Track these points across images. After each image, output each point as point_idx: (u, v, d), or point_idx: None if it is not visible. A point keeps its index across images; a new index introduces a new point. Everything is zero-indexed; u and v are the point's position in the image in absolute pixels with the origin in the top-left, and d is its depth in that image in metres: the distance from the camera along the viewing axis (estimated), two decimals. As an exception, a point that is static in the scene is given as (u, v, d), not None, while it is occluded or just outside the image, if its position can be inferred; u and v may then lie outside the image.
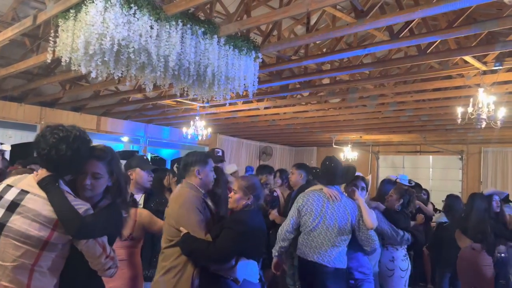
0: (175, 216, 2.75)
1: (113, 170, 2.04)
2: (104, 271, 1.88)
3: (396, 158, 14.28)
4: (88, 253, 1.87)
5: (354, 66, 6.10)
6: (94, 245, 1.86)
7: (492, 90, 5.94)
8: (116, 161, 2.07)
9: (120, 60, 3.84)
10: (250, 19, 4.43)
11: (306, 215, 3.66)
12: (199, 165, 2.88)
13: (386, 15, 4.24)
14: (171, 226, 2.74)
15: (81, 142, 1.96)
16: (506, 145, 12.06)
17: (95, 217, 1.88)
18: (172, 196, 3.00)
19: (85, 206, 1.89)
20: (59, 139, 1.89)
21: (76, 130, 1.98)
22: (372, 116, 9.31)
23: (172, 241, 2.73)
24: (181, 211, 2.75)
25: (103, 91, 8.42)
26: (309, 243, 3.60)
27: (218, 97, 4.84)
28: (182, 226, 2.69)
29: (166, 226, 2.82)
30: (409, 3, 4.99)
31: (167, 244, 2.76)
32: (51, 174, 1.92)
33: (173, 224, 2.73)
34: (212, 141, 12.77)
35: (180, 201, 2.81)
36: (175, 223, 2.73)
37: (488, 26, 4.06)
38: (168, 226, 2.78)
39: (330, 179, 3.76)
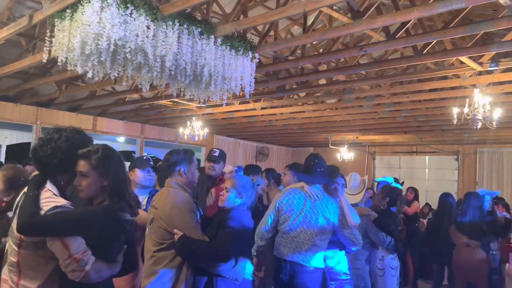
0: (166, 218, 2.64)
1: (106, 169, 1.94)
2: (68, 273, 1.77)
3: (392, 159, 14.31)
4: (53, 252, 1.79)
5: (350, 67, 6.11)
6: (56, 245, 1.77)
7: (488, 91, 5.97)
8: (109, 160, 1.96)
9: (116, 60, 3.83)
10: (246, 20, 4.43)
11: (286, 212, 3.48)
12: (184, 163, 2.81)
13: (383, 16, 4.25)
14: (162, 229, 2.64)
15: (65, 142, 1.94)
16: (501, 146, 12.12)
17: (59, 216, 1.79)
18: (159, 197, 2.82)
19: (56, 203, 1.82)
20: (45, 140, 1.94)
21: (67, 131, 1.98)
22: (368, 116, 9.34)
23: (163, 244, 2.64)
24: (174, 212, 2.66)
25: (99, 91, 8.39)
26: (288, 242, 3.43)
27: (215, 98, 4.84)
28: (176, 227, 2.60)
29: (155, 229, 2.69)
30: (405, 3, 5.01)
31: (158, 247, 2.65)
32: (39, 174, 1.95)
33: (165, 226, 2.63)
34: (209, 142, 12.76)
35: (171, 202, 2.70)
36: (167, 225, 2.63)
37: (483, 27, 4.08)
38: (158, 229, 2.66)
39: (312, 178, 3.56)
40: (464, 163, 12.87)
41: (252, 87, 4.72)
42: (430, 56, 5.11)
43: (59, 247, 1.76)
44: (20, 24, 4.56)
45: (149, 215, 2.77)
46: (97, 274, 1.80)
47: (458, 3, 3.45)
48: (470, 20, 5.58)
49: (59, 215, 1.80)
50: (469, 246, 4.96)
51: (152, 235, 2.69)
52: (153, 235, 2.68)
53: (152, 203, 2.81)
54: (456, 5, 3.48)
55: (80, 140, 2.00)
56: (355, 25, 4.19)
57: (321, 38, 5.50)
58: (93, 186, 1.93)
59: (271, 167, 10.08)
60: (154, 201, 2.81)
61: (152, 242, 2.68)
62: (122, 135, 11.37)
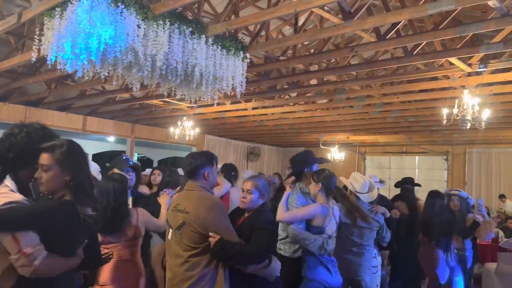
0: (202, 222, 2.58)
1: (69, 163, 1.93)
2: (18, 268, 1.76)
3: (383, 159, 14.41)
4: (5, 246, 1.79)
5: (341, 67, 6.13)
6: (7, 239, 1.76)
7: (477, 92, 6.03)
8: (73, 154, 1.96)
9: (106, 59, 3.80)
10: (238, 19, 4.43)
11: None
12: (208, 166, 2.78)
13: (373, 17, 4.27)
14: (196, 233, 2.57)
15: (25, 137, 1.95)
16: (490, 146, 12.27)
17: (10, 211, 1.78)
18: (188, 201, 2.70)
19: (11, 199, 1.82)
20: (6, 135, 1.96)
21: (28, 127, 1.99)
22: (359, 117, 9.38)
23: (197, 248, 2.58)
24: (211, 215, 2.60)
25: (89, 90, 8.33)
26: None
27: (206, 97, 4.83)
28: (213, 231, 2.55)
29: (187, 234, 2.60)
30: (395, 5, 5.04)
31: (191, 252, 2.59)
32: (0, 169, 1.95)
33: (199, 230, 2.56)
34: (200, 142, 12.73)
35: (206, 206, 2.64)
36: (202, 229, 2.56)
37: (473, 28, 4.12)
38: (191, 233, 2.59)
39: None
40: (453, 164, 13.00)
41: (243, 87, 4.72)
42: (420, 57, 5.15)
43: (10, 241, 1.76)
44: (9, 22, 4.51)
45: (176, 220, 2.67)
46: (48, 269, 1.80)
47: (448, 5, 3.48)
48: (460, 22, 5.63)
49: (11, 210, 1.78)
50: (424, 243, 5.04)
51: (182, 240, 2.62)
52: (185, 239, 2.61)
53: (178, 207, 2.70)
54: (446, 7, 3.51)
55: (41, 136, 1.99)
56: (346, 26, 4.21)
57: (312, 38, 5.52)
58: (54, 180, 1.91)
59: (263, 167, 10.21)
60: (180, 205, 2.70)
61: (183, 247, 2.62)
62: (112, 135, 11.30)
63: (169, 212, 2.80)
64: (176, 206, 2.73)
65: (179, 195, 2.91)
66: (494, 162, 12.39)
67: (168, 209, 2.85)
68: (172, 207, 2.77)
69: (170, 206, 2.82)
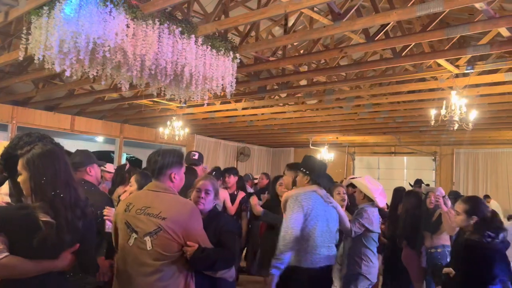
0: (184, 229, 2.36)
1: (30, 168, 1.99)
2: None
3: (372, 159, 14.51)
4: None
5: (330, 68, 6.16)
6: None
7: (464, 93, 6.10)
8: (37, 159, 2.00)
9: (95, 58, 3.78)
10: (228, 20, 4.43)
11: (315, 217, 3.30)
12: (176, 167, 2.54)
13: (362, 18, 4.30)
14: (172, 241, 2.33)
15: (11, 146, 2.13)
16: (477, 147, 12.42)
17: None
18: (162, 204, 2.41)
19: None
20: (12, 144, 2.17)
21: (31, 136, 2.22)
22: (348, 117, 9.43)
23: (172, 257, 2.34)
24: (193, 222, 2.42)
25: (78, 90, 8.26)
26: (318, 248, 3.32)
27: (196, 97, 4.82)
28: (194, 239, 2.37)
29: (162, 241, 2.32)
30: (385, 6, 5.08)
31: (165, 261, 2.33)
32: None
33: (177, 238, 2.33)
34: (189, 142, 12.69)
35: (189, 211, 2.43)
36: (183, 236, 2.35)
37: (459, 30, 4.17)
38: (167, 240, 2.32)
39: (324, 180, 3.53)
40: (441, 164, 13.13)
41: (233, 87, 4.72)
42: (409, 58, 5.20)
43: None
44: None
45: (145, 225, 2.35)
46: (8, 271, 1.83)
47: (436, 7, 3.52)
48: (448, 24, 5.69)
49: None
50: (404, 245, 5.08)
51: (154, 248, 2.32)
52: (158, 247, 2.32)
53: (147, 210, 2.38)
54: (434, 9, 3.55)
55: (26, 142, 2.13)
56: (336, 27, 4.23)
57: (302, 39, 5.53)
58: (25, 184, 2.00)
59: (253, 167, 10.08)
60: (150, 209, 2.38)
61: (154, 256, 2.32)
62: (100, 135, 11.21)
63: (129, 215, 2.42)
64: (143, 209, 2.39)
65: (139, 196, 2.57)
66: (481, 162, 12.55)
67: (124, 211, 2.47)
68: (137, 209, 2.41)
69: (129, 207, 2.46)
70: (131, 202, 2.49)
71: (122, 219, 2.45)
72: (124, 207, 2.48)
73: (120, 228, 2.46)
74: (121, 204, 2.57)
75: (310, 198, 3.29)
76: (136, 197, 2.57)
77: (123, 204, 2.52)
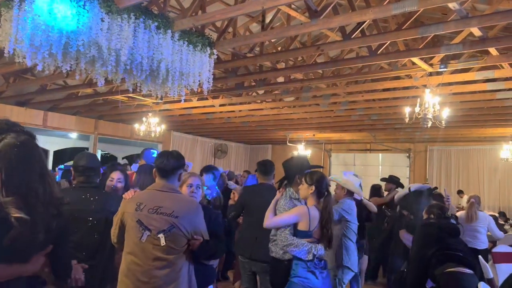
0: (194, 226, 2.63)
1: (4, 162, 1.82)
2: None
3: (348, 156, 14.69)
4: None
5: (308, 65, 6.19)
6: None
7: (437, 91, 6.23)
8: (6, 152, 1.84)
9: (68, 53, 3.69)
10: (205, 15, 4.39)
11: None
12: (183, 168, 2.79)
13: (339, 16, 4.33)
14: (183, 236, 2.59)
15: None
16: (449, 144, 12.73)
17: None
18: (174, 203, 2.64)
19: None
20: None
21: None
22: (325, 114, 9.51)
23: (181, 250, 2.61)
24: (200, 219, 2.70)
25: (50, 85, 8.06)
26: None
27: (172, 93, 4.76)
28: (199, 233, 2.66)
29: (175, 237, 2.57)
30: (361, 4, 5.13)
31: (176, 254, 2.59)
32: None
33: (187, 234, 2.59)
34: (166, 138, 12.57)
35: (196, 209, 2.71)
36: (192, 232, 2.61)
37: (433, 29, 4.25)
38: (179, 237, 2.58)
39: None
40: (415, 161, 13.40)
41: (210, 84, 4.68)
42: (384, 56, 5.27)
43: None
44: (-37, 12, 4.28)
45: (158, 223, 2.57)
46: None
47: (410, 6, 3.57)
48: (422, 23, 5.80)
49: None
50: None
51: (167, 243, 2.56)
52: (171, 243, 2.56)
53: (160, 210, 2.60)
54: (408, 8, 3.60)
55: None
56: (312, 24, 4.25)
57: (279, 36, 5.55)
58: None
59: (230, 164, 10.05)
60: (162, 208, 2.60)
61: (167, 251, 2.56)
62: (74, 131, 11.00)
63: (141, 214, 2.61)
64: (155, 209, 2.60)
65: (148, 195, 2.72)
66: (454, 159, 12.88)
67: (135, 210, 2.64)
68: (149, 209, 2.61)
69: (140, 206, 2.63)
70: (141, 201, 2.66)
71: (133, 218, 2.63)
72: (135, 206, 2.65)
73: (130, 225, 2.64)
74: (129, 202, 2.71)
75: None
76: (146, 197, 2.72)
77: (132, 203, 2.68)
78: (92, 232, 3.01)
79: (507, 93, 6.58)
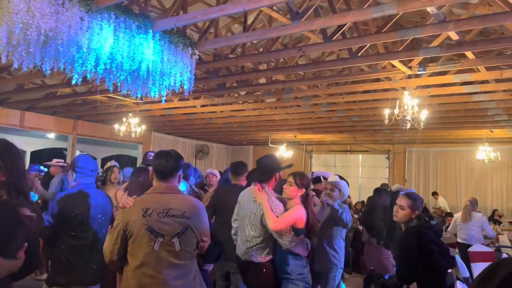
0: (200, 227, 2.51)
1: (3, 163, 1.88)
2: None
3: (328, 157, 14.82)
4: None
5: (289, 67, 6.23)
6: None
7: (416, 93, 6.34)
8: (6, 154, 1.92)
9: (47, 52, 3.62)
10: (186, 15, 4.37)
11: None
12: (181, 168, 2.66)
13: (320, 18, 4.37)
14: (194, 238, 2.46)
15: None
16: (428, 145, 12.97)
17: None
18: (184, 204, 2.50)
19: None
20: None
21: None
22: (306, 116, 9.57)
23: (193, 253, 2.49)
24: (206, 219, 2.61)
25: (28, 84, 7.90)
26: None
27: (153, 94, 4.72)
28: (206, 234, 2.56)
29: (188, 239, 2.43)
30: (342, 7, 5.18)
31: (191, 259, 2.48)
32: None
33: (197, 235, 2.48)
34: (146, 139, 12.46)
35: (202, 209, 2.60)
36: (200, 233, 2.50)
37: (411, 33, 4.33)
38: (191, 238, 2.45)
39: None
40: (394, 162, 13.60)
41: (191, 84, 4.66)
42: (364, 59, 5.34)
43: None
44: None
45: (171, 227, 2.39)
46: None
47: (390, 9, 3.63)
48: (401, 26, 5.89)
49: None
50: (371, 243, 5.08)
51: (182, 247, 2.41)
52: (185, 246, 2.42)
53: (171, 212, 2.43)
54: (388, 11, 3.66)
55: None
56: (294, 26, 4.27)
57: (261, 37, 5.55)
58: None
59: (212, 165, 9.98)
60: (172, 211, 2.43)
61: (182, 255, 2.41)
62: (52, 131, 10.81)
63: (150, 219, 2.38)
64: (165, 212, 2.41)
65: (153, 199, 2.50)
66: (432, 160, 13.12)
67: (143, 216, 2.41)
68: (158, 213, 2.40)
69: (147, 212, 2.41)
70: (148, 206, 2.42)
71: (141, 225, 2.38)
72: (141, 213, 2.40)
73: (139, 235, 2.38)
74: (131, 210, 2.44)
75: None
76: (150, 201, 2.48)
77: (136, 210, 2.42)
78: None
79: (482, 95, 6.74)
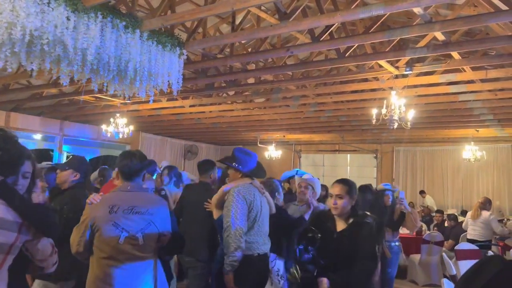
0: (164, 221, 2.82)
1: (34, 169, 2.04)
2: (52, 266, 1.87)
3: (317, 157, 14.87)
4: (42, 251, 1.84)
5: (277, 67, 6.23)
6: (47, 243, 1.87)
7: (403, 93, 6.39)
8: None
9: (33, 52, 3.57)
10: (174, 15, 4.35)
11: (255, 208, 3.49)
12: (146, 169, 2.91)
13: (308, 18, 4.38)
14: (156, 232, 2.76)
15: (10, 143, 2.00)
16: (415, 145, 13.09)
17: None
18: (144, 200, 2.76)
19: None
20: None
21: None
22: (294, 116, 9.60)
23: (154, 247, 2.79)
24: (168, 214, 2.88)
25: (13, 84, 7.79)
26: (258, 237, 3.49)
27: (141, 94, 4.69)
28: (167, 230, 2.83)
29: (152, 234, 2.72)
30: (329, 7, 5.21)
31: (152, 252, 2.76)
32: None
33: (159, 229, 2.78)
34: (134, 140, 12.38)
35: (164, 205, 2.90)
36: (163, 227, 2.79)
37: (399, 33, 4.36)
38: (154, 233, 2.75)
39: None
40: (382, 161, 13.70)
41: (180, 84, 4.63)
42: (352, 59, 5.37)
43: (49, 244, 1.93)
44: None
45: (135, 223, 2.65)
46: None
47: (377, 10, 3.65)
48: (388, 26, 5.94)
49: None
50: None
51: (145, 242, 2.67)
52: (148, 240, 2.68)
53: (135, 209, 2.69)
54: (375, 12, 3.68)
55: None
56: (282, 26, 4.27)
57: (249, 37, 5.56)
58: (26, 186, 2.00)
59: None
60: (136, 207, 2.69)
61: (146, 248, 2.68)
62: (39, 132, 10.68)
63: (115, 216, 2.60)
64: (129, 209, 2.63)
65: (118, 197, 2.70)
66: (419, 159, 13.25)
67: (109, 213, 2.60)
68: (124, 210, 2.62)
69: (113, 209, 2.61)
70: (113, 204, 2.63)
71: (107, 221, 2.59)
72: (107, 209, 2.61)
73: (104, 229, 2.58)
74: (98, 207, 2.64)
75: (250, 190, 3.49)
76: (116, 198, 2.69)
77: (102, 207, 2.62)
78: None
79: (468, 95, 6.82)
